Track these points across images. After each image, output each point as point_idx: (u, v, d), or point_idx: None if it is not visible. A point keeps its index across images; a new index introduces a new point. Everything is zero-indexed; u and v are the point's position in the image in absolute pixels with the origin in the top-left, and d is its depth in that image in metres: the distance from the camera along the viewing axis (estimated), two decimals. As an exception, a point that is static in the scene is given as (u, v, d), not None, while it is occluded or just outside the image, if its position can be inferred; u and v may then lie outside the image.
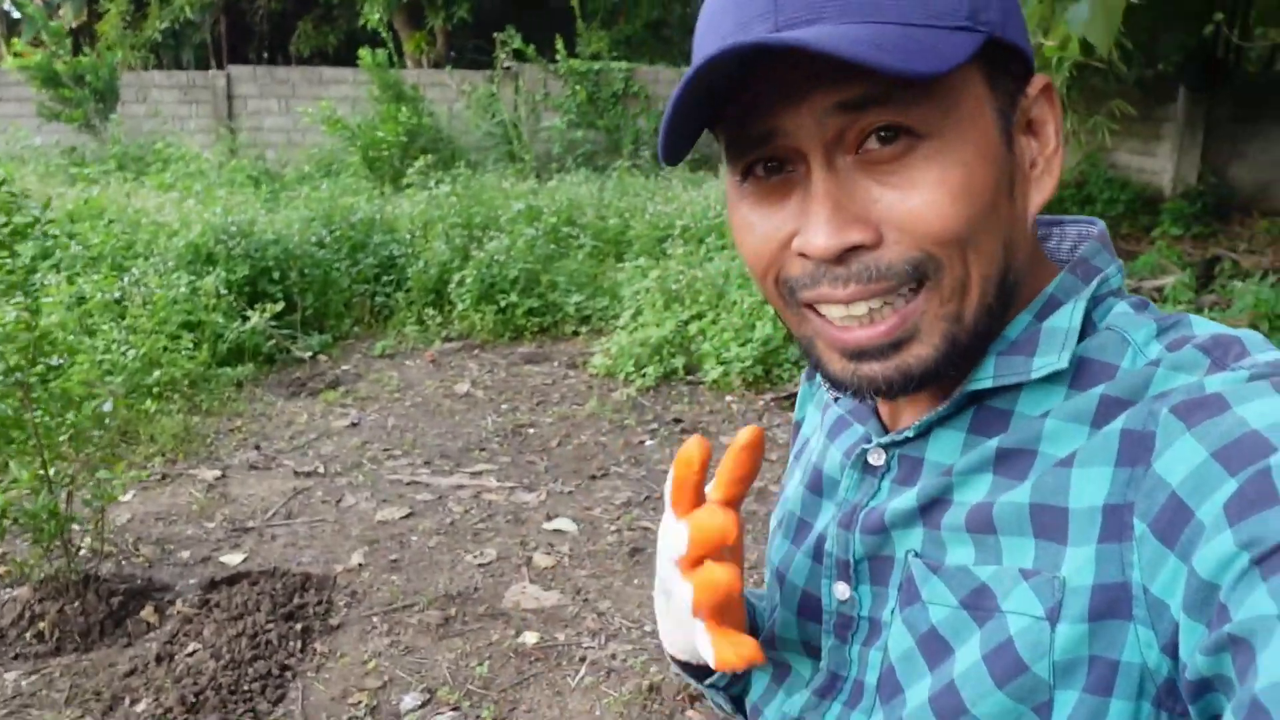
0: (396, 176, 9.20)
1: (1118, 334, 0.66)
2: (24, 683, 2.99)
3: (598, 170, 10.58)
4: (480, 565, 3.75)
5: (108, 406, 3.43)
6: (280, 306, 5.87)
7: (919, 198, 0.61)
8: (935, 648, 0.66)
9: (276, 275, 6.47)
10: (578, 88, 10.81)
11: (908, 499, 0.70)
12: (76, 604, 3.29)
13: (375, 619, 3.39)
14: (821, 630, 0.76)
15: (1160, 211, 10.30)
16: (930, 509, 0.69)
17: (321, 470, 4.61)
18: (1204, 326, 0.65)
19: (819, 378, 0.91)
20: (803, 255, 0.64)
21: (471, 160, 10.39)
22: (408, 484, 4.50)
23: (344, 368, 6.16)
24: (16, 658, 3.12)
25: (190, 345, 5.36)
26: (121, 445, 4.65)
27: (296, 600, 3.44)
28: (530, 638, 3.28)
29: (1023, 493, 0.64)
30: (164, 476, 4.48)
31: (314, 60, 16.53)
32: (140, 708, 2.87)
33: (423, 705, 2.95)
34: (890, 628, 0.70)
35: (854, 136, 0.61)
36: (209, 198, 7.78)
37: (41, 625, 3.23)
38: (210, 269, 6.27)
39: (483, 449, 4.93)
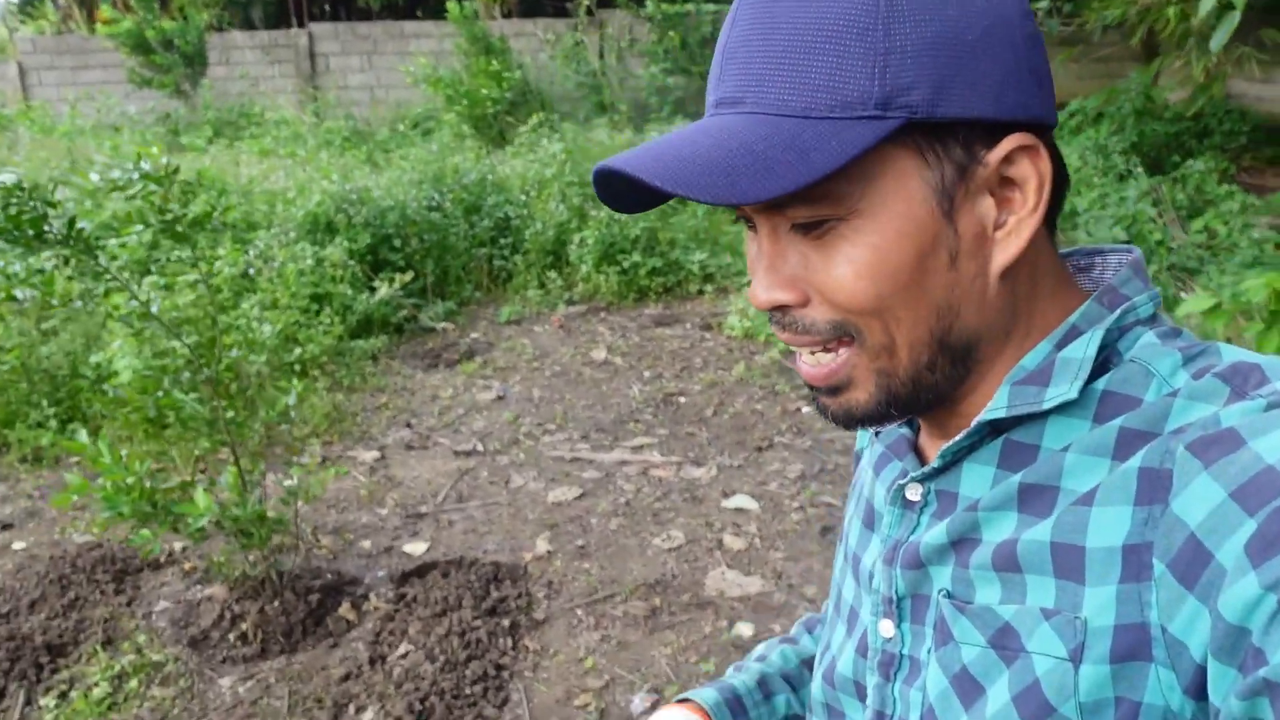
0: (500, 134, 8.99)
1: (1141, 366, 0.65)
2: (241, 689, 2.92)
3: (689, 117, 10.29)
4: (670, 549, 3.61)
5: (292, 399, 3.32)
6: (410, 276, 5.74)
7: (834, 271, 0.65)
8: (968, 688, 0.68)
9: (397, 243, 6.34)
10: (670, 33, 10.46)
11: (939, 534, 0.71)
12: (276, 603, 3.20)
13: (579, 611, 3.27)
14: (867, 668, 0.78)
15: (1286, 141, 9.81)
16: (960, 545, 0.70)
17: (480, 449, 4.49)
18: (1231, 354, 0.64)
19: None
20: None
21: (562, 113, 10.15)
22: (570, 461, 4.37)
23: (473, 336, 6.03)
24: (225, 661, 3.05)
25: (327, 320, 5.25)
26: (206, 426, 4.57)
27: (495, 593, 3.33)
28: (745, 629, 3.14)
29: (1044, 530, 0.64)
30: (324, 460, 4.39)
31: (384, 15, 16.30)
32: (367, 716, 2.77)
33: (653, 706, 2.82)
34: (927, 667, 0.72)
35: (785, 219, 0.66)
36: (313, 162, 7.65)
37: (244, 626, 3.15)
38: (330, 238, 6.15)
39: (637, 420, 4.78)
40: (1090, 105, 9.72)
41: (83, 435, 2.86)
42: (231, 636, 3.14)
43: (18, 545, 3.73)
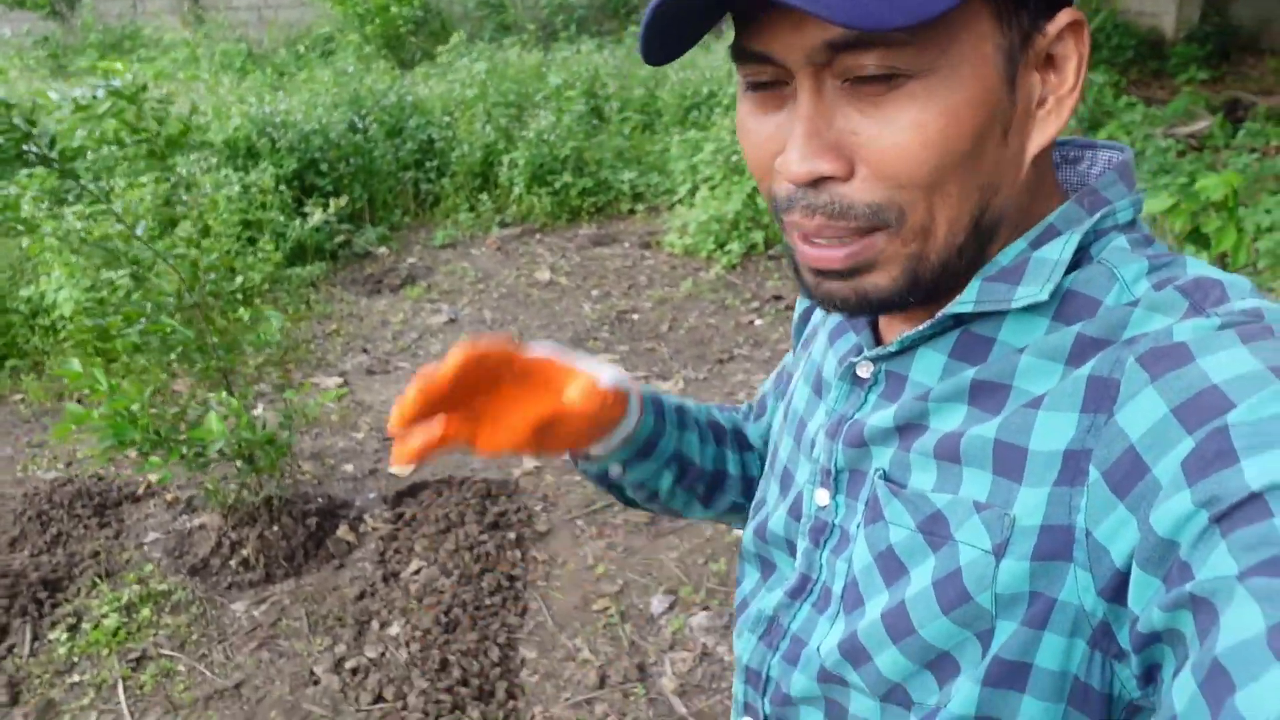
0: (411, 56, 8.72)
1: (1107, 268, 0.65)
2: (256, 613, 2.90)
3: (594, 36, 10.17)
4: (656, 459, 3.69)
5: (275, 322, 3.25)
6: (344, 201, 5.60)
7: (892, 138, 0.60)
8: (892, 566, 0.69)
9: (324, 167, 6.16)
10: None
11: (886, 417, 0.71)
12: (275, 528, 3.18)
13: (580, 522, 3.33)
14: (799, 531, 0.79)
15: (1169, 55, 10.24)
16: (905, 430, 0.70)
17: (444, 370, 4.47)
18: (1196, 268, 0.64)
19: None
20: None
21: (464, 33, 9.90)
22: (537, 379, 4.38)
23: (410, 260, 5.94)
24: (230, 587, 3.02)
25: (267, 247, 5.10)
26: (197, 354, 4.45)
27: (493, 509, 3.37)
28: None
29: (990, 428, 0.65)
30: (283, 388, 4.31)
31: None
32: (393, 630, 2.80)
33: (671, 607, 2.92)
34: (855, 541, 0.73)
35: (842, 69, 0.60)
36: (215, 85, 7.33)
37: (245, 552, 3.12)
38: (253, 164, 5.94)
39: (594, 338, 4.81)
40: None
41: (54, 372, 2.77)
42: (233, 563, 3.11)
43: (-21, 485, 3.59)
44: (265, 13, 11.36)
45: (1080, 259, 0.66)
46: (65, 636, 2.78)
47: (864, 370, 0.75)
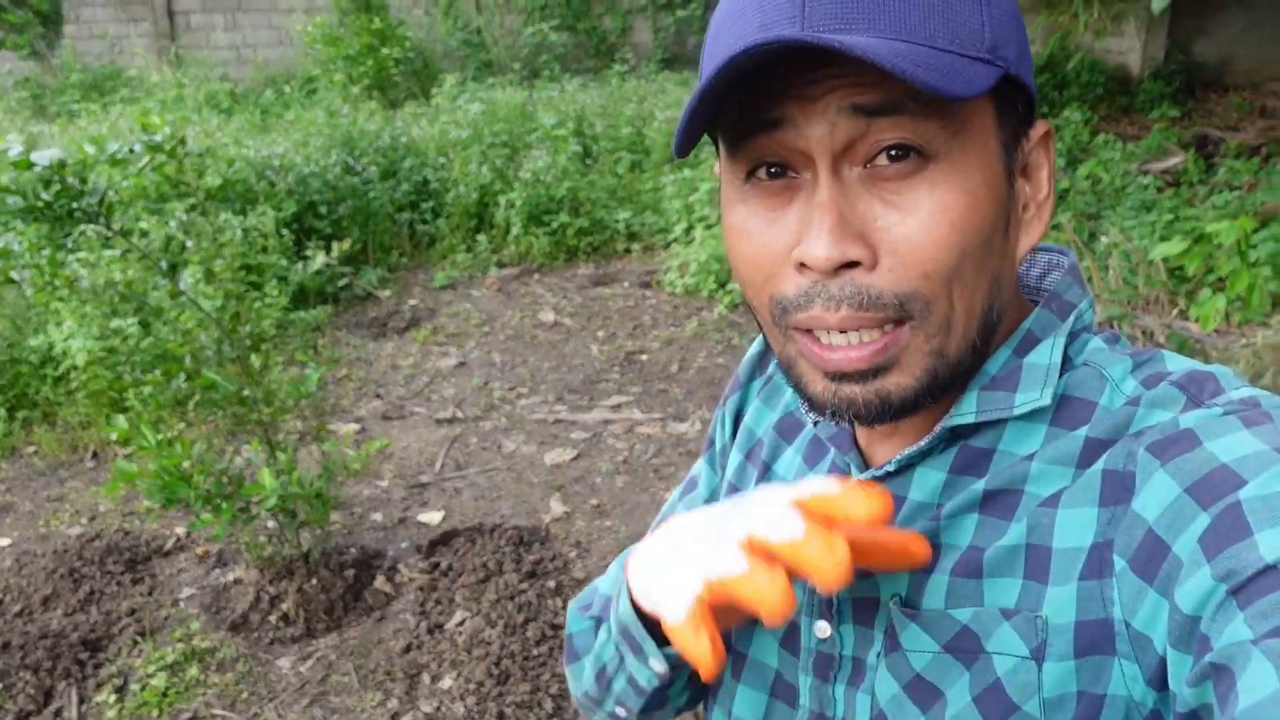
0: (400, 96, 8.74)
1: (1095, 370, 0.67)
2: (303, 669, 2.89)
3: (575, 75, 10.25)
4: (684, 503, 3.72)
5: (314, 375, 3.25)
6: (348, 243, 5.60)
7: (918, 223, 0.60)
8: (924, 692, 0.67)
9: (323, 210, 6.16)
10: (555, -12, 10.38)
11: None
12: (314, 582, 3.16)
13: (616, 569, 3.34)
14: (798, 667, 0.76)
15: (1136, 92, 10.49)
16: None
17: (460, 415, 4.48)
18: (1177, 363, 0.66)
19: (770, 372, 0.90)
20: (801, 266, 0.63)
21: (445, 73, 9.94)
22: (554, 423, 4.40)
23: (412, 302, 5.95)
24: (273, 642, 3.00)
25: (272, 292, 5.09)
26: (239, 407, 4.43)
27: (529, 556, 3.37)
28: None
29: (1017, 534, 0.64)
30: (302, 435, 4.29)
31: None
32: (445, 684, 2.80)
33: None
34: (876, 672, 0.70)
35: (864, 149, 0.61)
36: (204, 127, 7.31)
37: (285, 607, 3.10)
38: (251, 207, 5.93)
39: (606, 380, 4.84)
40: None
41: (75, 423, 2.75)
42: (273, 618, 3.09)
43: (3, 541, 3.54)
44: (244, 52, 11.34)
45: (1061, 363, 0.68)
46: (113, 699, 2.75)
47: None
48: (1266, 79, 10.09)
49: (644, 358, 5.10)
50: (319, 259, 5.69)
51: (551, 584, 3.23)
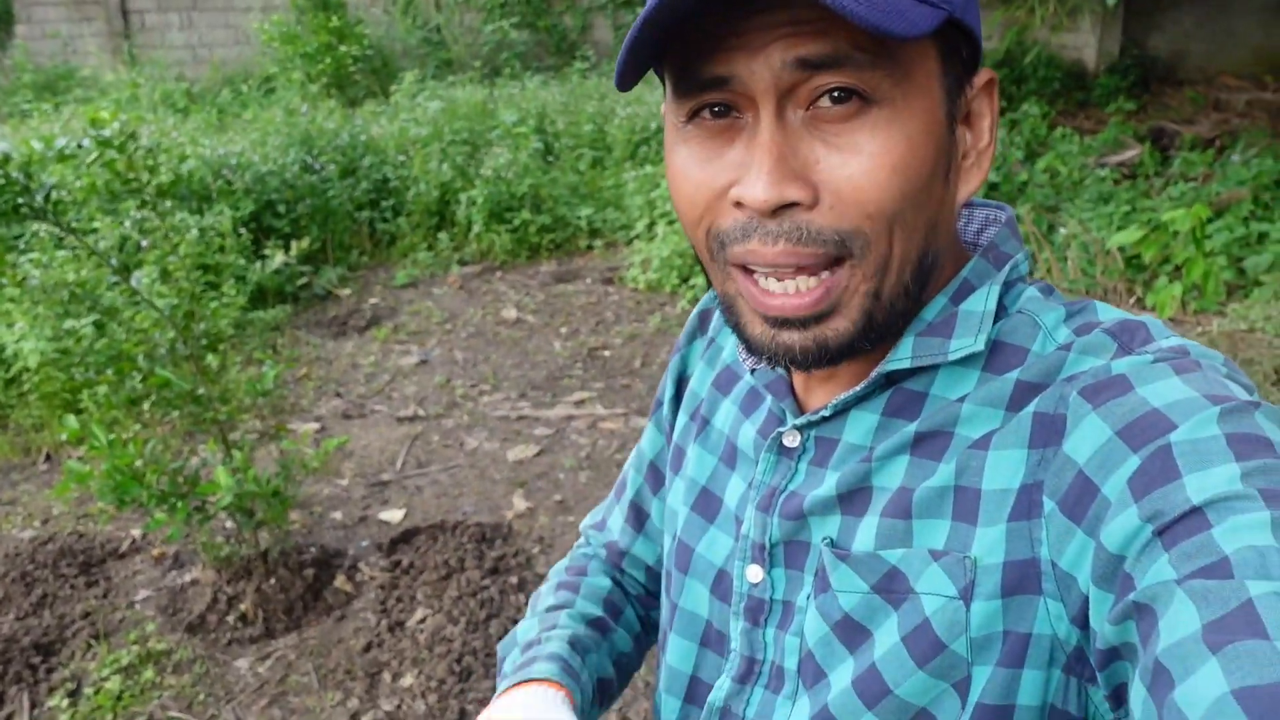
0: (357, 93, 8.67)
1: (1029, 317, 0.68)
2: (261, 669, 2.85)
3: (536, 73, 10.21)
4: (647, 497, 3.71)
5: (271, 372, 3.21)
6: (307, 242, 5.54)
7: (859, 166, 0.61)
8: (852, 633, 0.68)
9: (281, 209, 6.09)
10: (514, -14, 10.33)
11: (827, 486, 0.71)
12: (272, 581, 3.12)
13: (579, 563, 3.33)
14: (730, 612, 0.77)
15: (1092, 86, 10.61)
16: (849, 496, 0.70)
17: (422, 413, 4.44)
18: (1109, 313, 0.68)
19: (711, 333, 0.92)
20: (739, 205, 0.63)
21: (402, 70, 9.87)
22: (516, 419, 4.38)
23: (372, 301, 5.89)
24: (231, 643, 2.96)
25: (230, 291, 5.02)
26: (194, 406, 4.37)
27: (491, 553, 3.35)
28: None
29: (945, 475, 0.66)
30: (261, 435, 4.24)
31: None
32: (406, 682, 2.77)
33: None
34: (805, 613, 0.72)
35: (806, 93, 0.61)
36: (159, 125, 7.20)
37: (243, 607, 3.06)
38: (207, 206, 5.85)
39: (569, 376, 4.82)
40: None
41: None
42: (231, 619, 3.05)
43: (-48, 546, 3.47)
44: (200, 51, 11.21)
45: (996, 311, 0.69)
46: (66, 703, 2.69)
47: (791, 439, 0.75)
48: (1219, 73, 10.24)
49: (607, 354, 5.08)
50: (277, 258, 5.62)
51: (514, 580, 3.21)
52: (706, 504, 0.82)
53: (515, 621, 3.03)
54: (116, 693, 2.72)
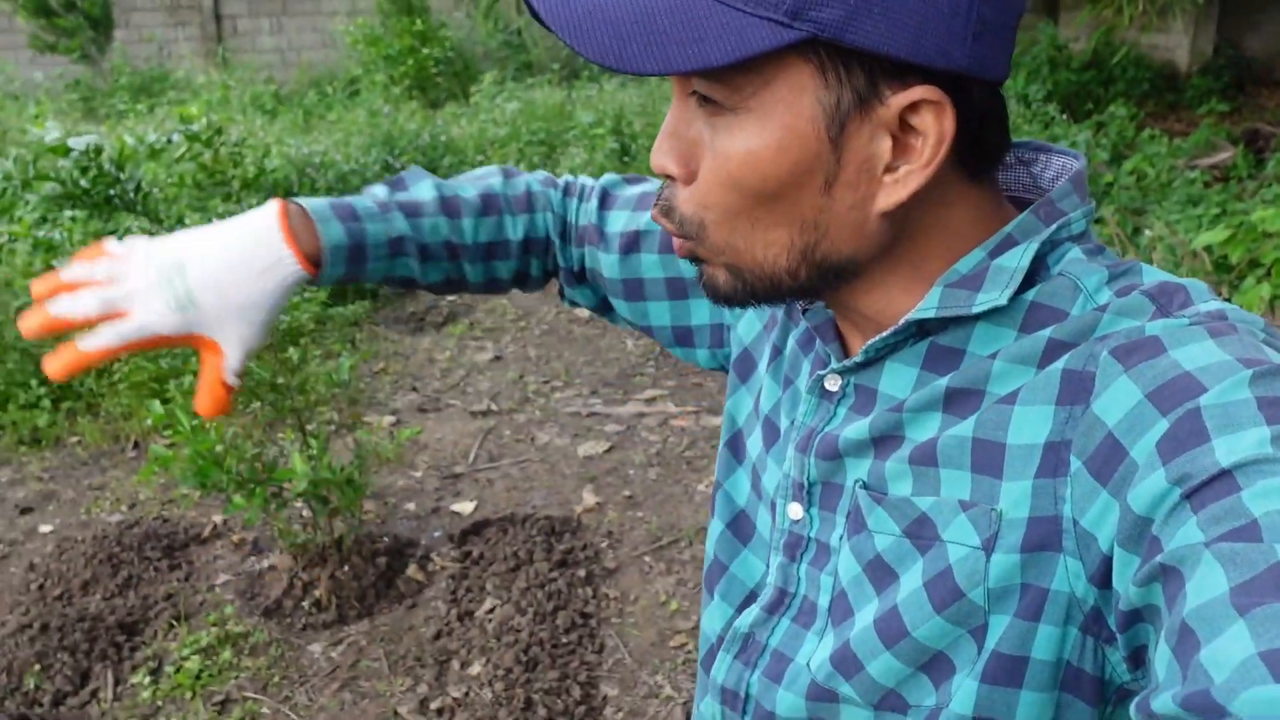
0: (438, 95, 8.82)
1: (1070, 280, 0.67)
2: (334, 654, 2.91)
3: (612, 74, 10.26)
4: (716, 495, 3.71)
5: (347, 364, 3.28)
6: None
7: (710, 161, 0.65)
8: (881, 574, 0.70)
9: (362, 207, 6.21)
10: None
11: (860, 429, 0.72)
12: (346, 569, 3.19)
13: (647, 558, 3.34)
14: (770, 545, 0.81)
15: (1184, 88, 10.32)
16: (881, 442, 0.71)
17: (495, 408, 4.50)
18: (1153, 275, 0.66)
19: None
20: None
21: (482, 73, 10.01)
22: (588, 416, 4.41)
23: (450, 298, 5.98)
24: (305, 628, 3.03)
25: (312, 287, 5.14)
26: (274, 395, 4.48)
27: (559, 545, 3.37)
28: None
29: (966, 427, 0.66)
30: (338, 427, 4.33)
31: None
32: (475, 670, 2.80)
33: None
34: (839, 554, 0.73)
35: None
36: (248, 125, 7.41)
37: (318, 593, 3.13)
38: (292, 204, 5.99)
39: (640, 374, 4.84)
40: (1006, 56, 10.04)
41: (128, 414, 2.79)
42: (306, 604, 3.12)
43: (45, 528, 3.61)
44: (289, 55, 11.50)
45: (1037, 270, 0.68)
46: (148, 680, 2.78)
47: (832, 383, 0.76)
48: (1319, 73, 9.88)
49: (679, 352, 5.08)
50: (358, 255, 5.72)
51: (582, 573, 3.23)
52: (769, 434, 0.84)
53: (582, 614, 3.06)
54: (195, 672, 2.80)
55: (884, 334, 0.70)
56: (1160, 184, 6.85)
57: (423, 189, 0.99)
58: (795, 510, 0.77)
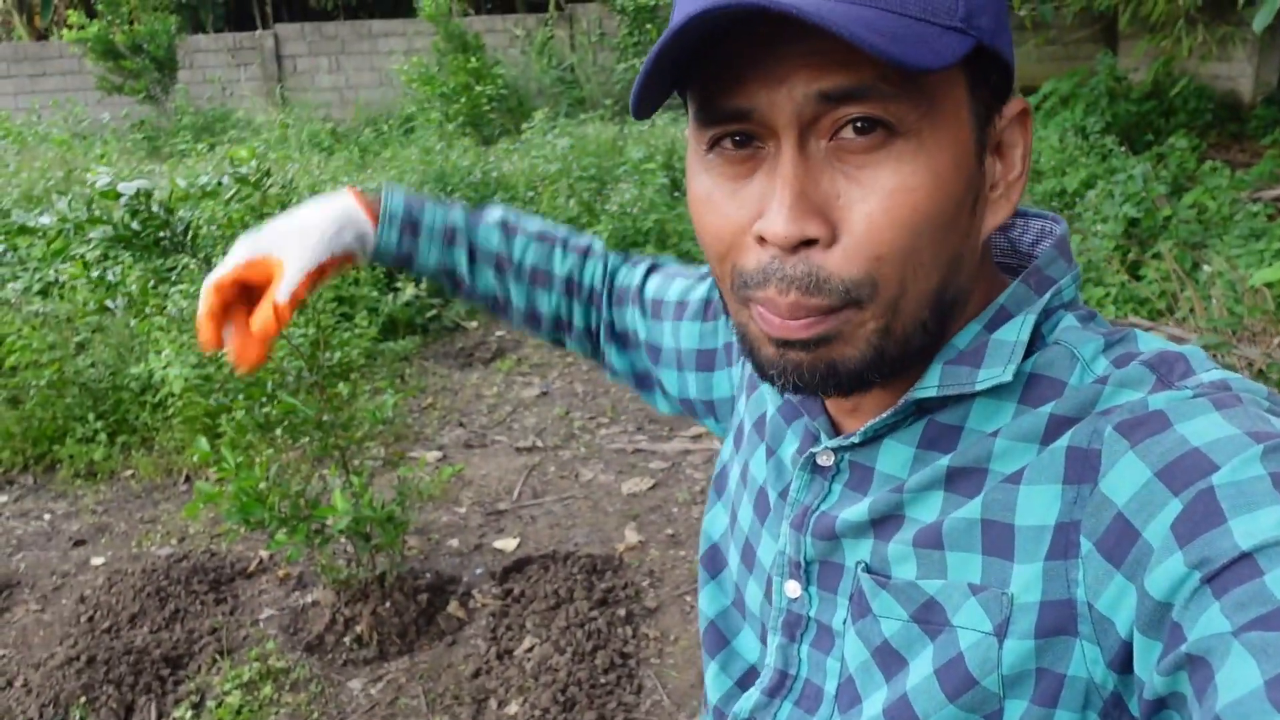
0: (491, 131, 8.94)
1: (1066, 349, 0.65)
2: (373, 691, 2.91)
3: (666, 110, 10.33)
4: (760, 534, 3.67)
5: (390, 401, 3.31)
6: (436, 276, 5.70)
7: (878, 203, 0.59)
8: (890, 660, 0.67)
9: (414, 243, 6.29)
10: (648, 26, 10.47)
11: (859, 511, 0.70)
12: (387, 605, 3.20)
13: (688, 599, 3.31)
14: (769, 625, 0.77)
15: (1247, 118, 10.13)
16: (882, 523, 0.69)
17: (540, 444, 4.51)
18: (1149, 343, 0.65)
19: None
20: (761, 241, 0.61)
21: (535, 109, 10.12)
22: (633, 452, 4.40)
23: (498, 334, 6.02)
24: (346, 664, 3.04)
25: (364, 322, 5.21)
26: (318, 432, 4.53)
27: (600, 584, 3.36)
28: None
29: (973, 509, 0.64)
30: (385, 462, 4.37)
31: (338, 15, 16.09)
32: (511, 709, 2.79)
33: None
34: (844, 638, 0.71)
35: (829, 123, 0.59)
36: (304, 164, 7.56)
37: (359, 629, 3.14)
38: (346, 240, 6.08)
39: (686, 410, 4.81)
40: (1064, 87, 9.95)
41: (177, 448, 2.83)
42: (347, 640, 3.13)
43: (97, 560, 3.67)
44: (347, 93, 11.73)
45: (1033, 339, 0.66)
46: (190, 715, 2.81)
47: (825, 459, 0.74)
48: (1388, 103, 9.65)
49: (726, 388, 5.06)
50: (409, 291, 5.82)
51: (622, 612, 3.21)
52: (761, 505, 0.82)
53: (622, 654, 3.03)
54: (236, 707, 2.82)
55: (884, 415, 0.68)
56: (1221, 217, 6.71)
57: (492, 209, 1.08)
58: (793, 588, 0.75)
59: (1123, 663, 0.58)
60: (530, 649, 3.05)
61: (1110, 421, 0.60)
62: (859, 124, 0.58)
